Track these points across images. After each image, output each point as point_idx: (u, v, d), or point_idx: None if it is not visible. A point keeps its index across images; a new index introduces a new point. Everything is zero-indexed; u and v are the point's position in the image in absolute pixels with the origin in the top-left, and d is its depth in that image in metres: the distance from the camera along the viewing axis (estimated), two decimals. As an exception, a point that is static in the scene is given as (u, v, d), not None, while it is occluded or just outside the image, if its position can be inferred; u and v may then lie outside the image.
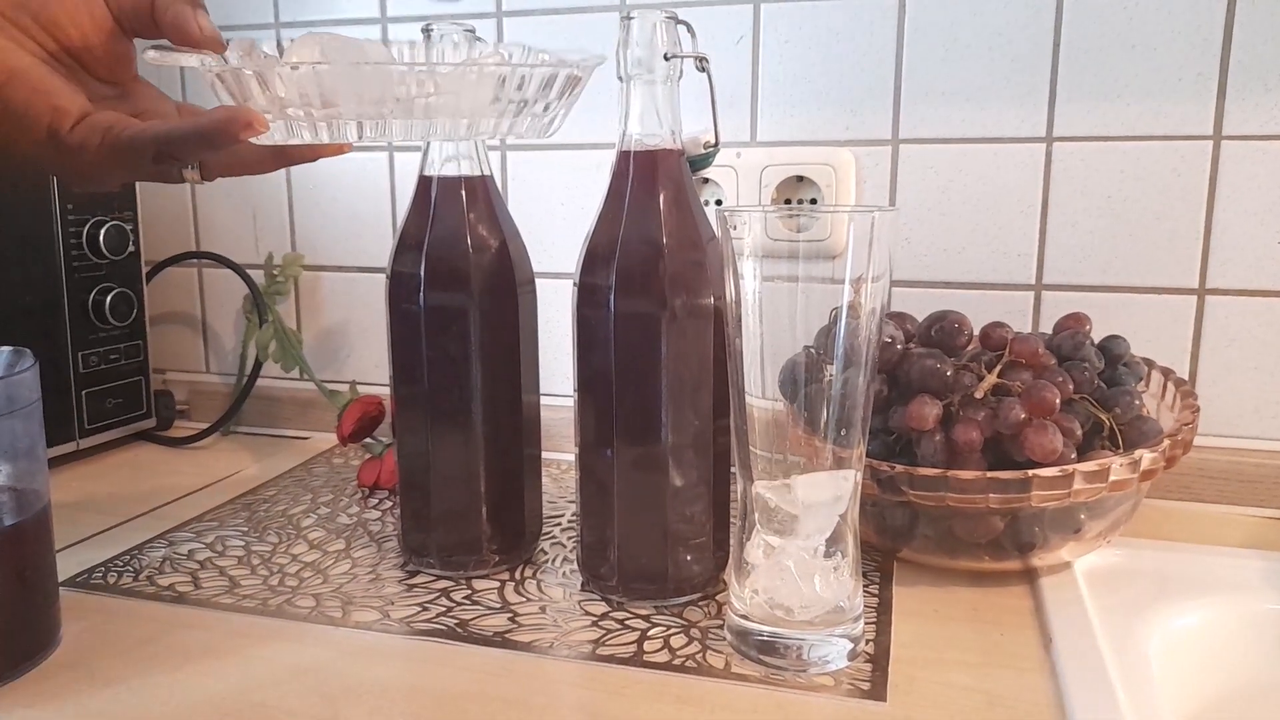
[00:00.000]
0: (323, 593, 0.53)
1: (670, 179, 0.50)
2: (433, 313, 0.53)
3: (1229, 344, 0.67)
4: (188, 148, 0.41)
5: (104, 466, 0.78)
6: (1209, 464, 0.66)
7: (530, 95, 0.46)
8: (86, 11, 0.42)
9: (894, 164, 0.71)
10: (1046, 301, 0.70)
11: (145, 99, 0.46)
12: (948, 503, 0.49)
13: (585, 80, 0.49)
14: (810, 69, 0.71)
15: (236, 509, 0.67)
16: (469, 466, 0.54)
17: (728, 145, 0.72)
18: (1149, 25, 0.65)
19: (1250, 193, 0.65)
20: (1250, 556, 0.57)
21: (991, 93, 0.68)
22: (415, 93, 0.42)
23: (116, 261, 0.78)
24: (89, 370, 0.77)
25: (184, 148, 0.41)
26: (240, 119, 0.39)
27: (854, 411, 0.44)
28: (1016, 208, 0.69)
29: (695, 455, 0.50)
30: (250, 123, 0.39)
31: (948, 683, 0.44)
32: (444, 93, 0.43)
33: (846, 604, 0.45)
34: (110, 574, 0.56)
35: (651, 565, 0.51)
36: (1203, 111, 0.65)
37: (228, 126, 0.39)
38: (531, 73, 0.45)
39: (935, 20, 0.68)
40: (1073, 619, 0.49)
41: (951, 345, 0.56)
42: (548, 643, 0.48)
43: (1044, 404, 0.50)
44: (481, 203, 0.54)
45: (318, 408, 0.83)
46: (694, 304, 0.49)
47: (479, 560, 0.55)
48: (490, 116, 0.46)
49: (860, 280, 0.42)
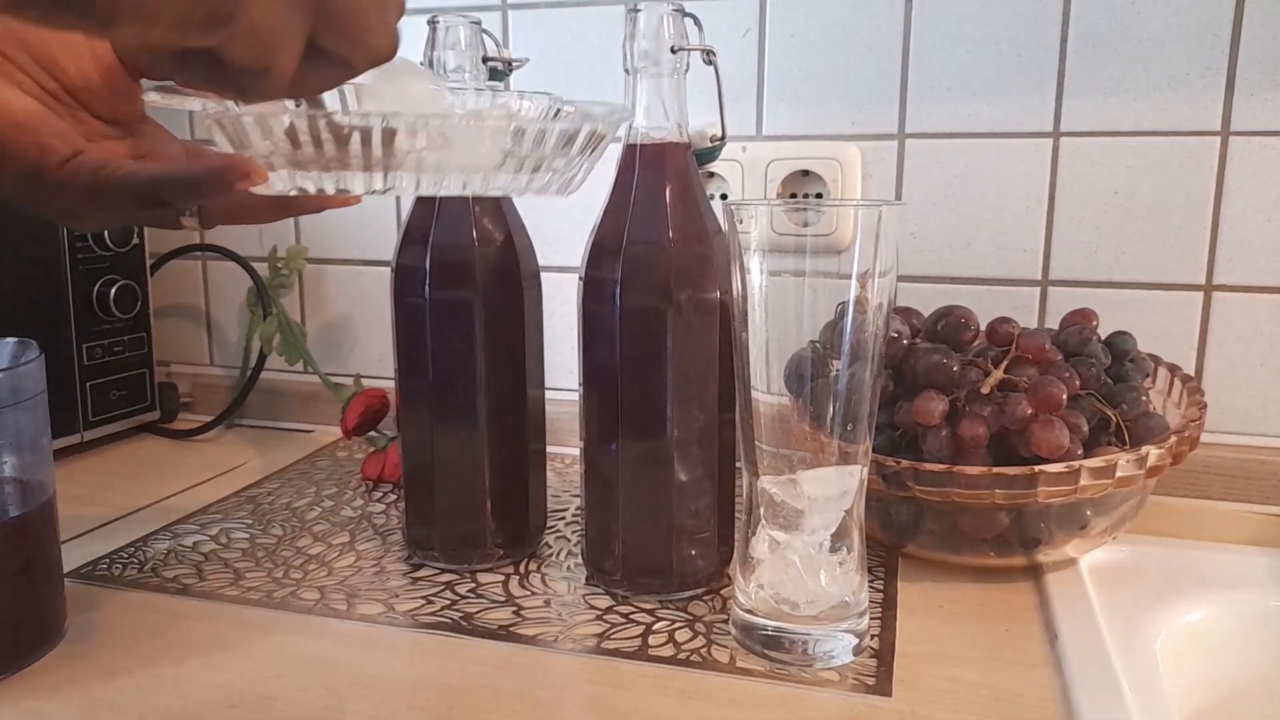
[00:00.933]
0: (327, 585, 0.53)
1: (676, 172, 0.49)
2: (437, 306, 0.53)
3: (1236, 340, 0.67)
4: (181, 194, 0.39)
5: (108, 459, 0.78)
6: (1215, 461, 0.66)
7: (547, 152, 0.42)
8: (88, 49, 0.40)
9: (900, 159, 0.70)
10: (1053, 297, 0.69)
11: (151, 139, 0.44)
12: (953, 498, 0.49)
13: (610, 138, 0.44)
14: (816, 63, 0.71)
15: (241, 502, 0.67)
16: (473, 460, 0.54)
17: (733, 139, 0.72)
18: (1157, 20, 0.64)
19: (1258, 189, 0.65)
20: (1256, 553, 0.57)
21: (998, 87, 0.68)
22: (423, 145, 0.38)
23: (121, 254, 0.78)
24: (93, 362, 0.77)
25: (177, 193, 0.39)
26: (237, 168, 0.36)
27: (860, 407, 0.44)
28: (1023, 203, 0.69)
29: (700, 450, 0.50)
30: (248, 173, 0.36)
31: (953, 678, 0.44)
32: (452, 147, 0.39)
33: (852, 599, 0.45)
34: (115, 566, 0.56)
35: (656, 559, 0.51)
36: (1210, 107, 0.64)
37: (223, 175, 0.37)
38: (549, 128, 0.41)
39: (942, 14, 0.68)
40: (1078, 615, 0.49)
41: (958, 340, 0.56)
42: (552, 636, 0.48)
43: (1050, 400, 0.50)
44: (486, 196, 0.54)
45: (322, 401, 0.83)
46: (700, 298, 0.48)
47: (483, 554, 0.55)
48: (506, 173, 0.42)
49: (866, 275, 0.42)
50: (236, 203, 0.45)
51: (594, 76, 0.75)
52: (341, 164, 0.38)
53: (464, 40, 0.53)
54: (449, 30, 0.53)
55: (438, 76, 0.52)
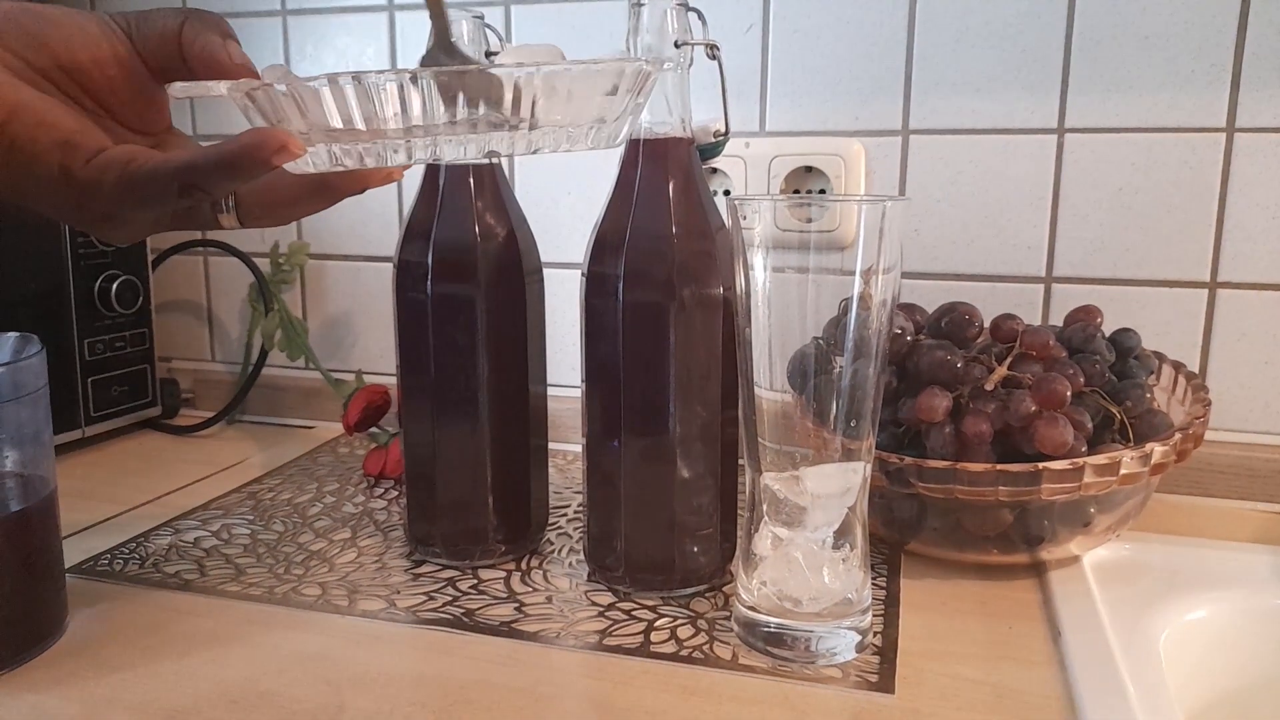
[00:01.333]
0: (329, 581, 0.53)
1: (680, 168, 0.49)
2: (439, 302, 0.53)
3: (1240, 338, 0.66)
4: (214, 178, 0.36)
5: (109, 454, 0.78)
6: (1219, 458, 0.65)
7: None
8: (110, 52, 0.39)
9: (904, 155, 0.70)
10: (1057, 294, 0.69)
11: (178, 148, 0.42)
12: (957, 495, 0.49)
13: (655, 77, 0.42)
14: (820, 58, 0.70)
15: (242, 497, 0.67)
16: (475, 456, 0.54)
17: (737, 135, 0.72)
18: (1162, 16, 0.64)
19: (1263, 186, 0.64)
20: (1260, 551, 0.57)
21: (1002, 83, 0.67)
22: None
23: (122, 249, 0.78)
24: (95, 358, 0.77)
25: (210, 178, 0.36)
26: (272, 141, 0.34)
27: (863, 403, 0.44)
28: (1027, 199, 0.69)
29: (703, 446, 0.50)
30: (284, 145, 0.34)
31: (956, 675, 0.44)
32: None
33: (855, 596, 0.45)
34: (116, 561, 0.56)
35: (658, 556, 0.51)
36: (1216, 103, 0.64)
37: (257, 152, 0.34)
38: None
39: (946, 9, 0.68)
40: (1082, 612, 0.49)
41: (961, 337, 0.55)
42: (554, 633, 0.48)
43: (1054, 396, 0.50)
44: (489, 191, 0.54)
45: (323, 397, 0.83)
46: (703, 294, 0.48)
47: (485, 550, 0.55)
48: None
49: (870, 271, 0.42)
50: (274, 191, 0.42)
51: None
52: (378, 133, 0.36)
53: (467, 34, 0.53)
54: (451, 25, 0.52)
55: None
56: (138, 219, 0.41)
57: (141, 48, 0.40)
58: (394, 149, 0.37)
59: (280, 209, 0.43)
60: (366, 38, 0.80)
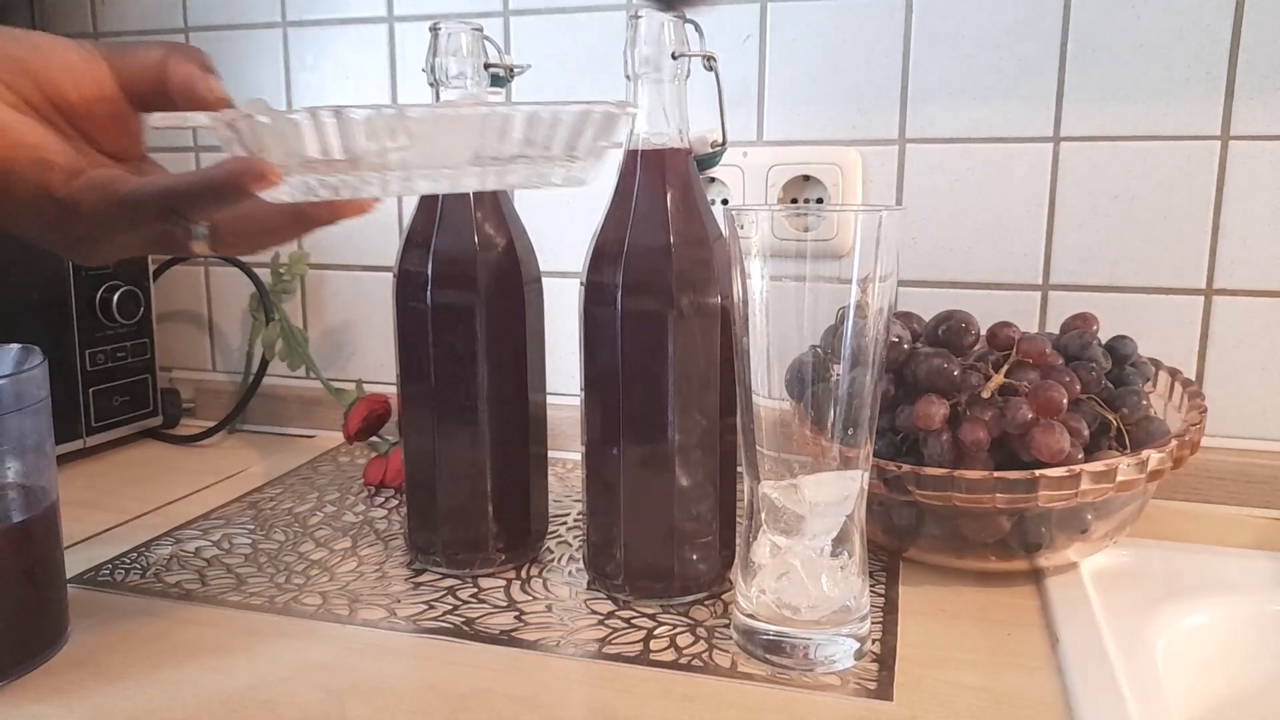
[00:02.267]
0: (329, 590, 0.54)
1: (677, 178, 0.50)
2: (439, 311, 0.53)
3: (1236, 345, 0.67)
4: (195, 203, 0.38)
5: (111, 464, 0.78)
6: (1216, 465, 0.66)
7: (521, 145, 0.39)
8: (90, 76, 0.40)
9: (900, 163, 0.71)
10: (1053, 301, 0.69)
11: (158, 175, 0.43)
12: (954, 502, 0.49)
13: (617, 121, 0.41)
14: (817, 68, 0.71)
15: (243, 507, 0.67)
16: (475, 465, 0.54)
17: (734, 145, 0.72)
18: (1157, 24, 0.64)
19: (1258, 193, 0.65)
20: (1257, 557, 0.57)
21: (998, 92, 0.68)
22: (389, 145, 0.37)
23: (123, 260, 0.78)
24: (96, 368, 0.77)
25: (190, 203, 0.37)
26: (253, 169, 0.36)
27: (861, 411, 0.44)
28: (1023, 207, 0.69)
29: (702, 454, 0.50)
30: (263, 173, 0.36)
31: (954, 682, 0.44)
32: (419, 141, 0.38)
33: (853, 603, 0.45)
34: (118, 571, 0.56)
35: (658, 564, 0.51)
36: (1210, 111, 0.65)
37: (238, 179, 0.36)
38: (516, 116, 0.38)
39: (942, 19, 0.68)
40: (1079, 619, 0.49)
41: (959, 345, 0.56)
42: (554, 641, 0.48)
43: (1051, 404, 0.50)
44: (488, 201, 0.54)
45: (324, 406, 0.84)
46: (701, 303, 0.49)
47: (485, 559, 0.55)
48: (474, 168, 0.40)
49: (867, 279, 0.42)
50: (250, 220, 0.42)
51: (595, 83, 0.75)
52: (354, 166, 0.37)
53: (465, 47, 0.53)
54: (450, 37, 0.53)
55: None
56: (116, 242, 0.41)
57: (122, 75, 0.40)
58: (368, 181, 0.38)
59: (255, 238, 0.43)
60: (366, 49, 0.81)
